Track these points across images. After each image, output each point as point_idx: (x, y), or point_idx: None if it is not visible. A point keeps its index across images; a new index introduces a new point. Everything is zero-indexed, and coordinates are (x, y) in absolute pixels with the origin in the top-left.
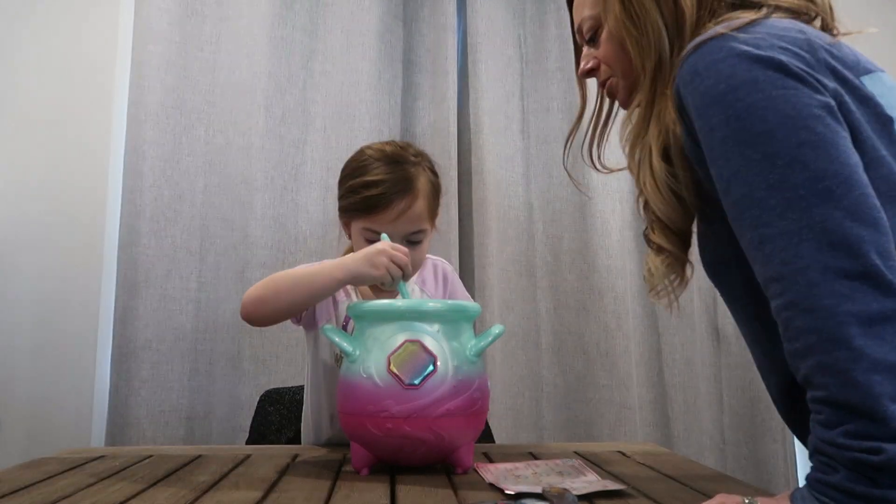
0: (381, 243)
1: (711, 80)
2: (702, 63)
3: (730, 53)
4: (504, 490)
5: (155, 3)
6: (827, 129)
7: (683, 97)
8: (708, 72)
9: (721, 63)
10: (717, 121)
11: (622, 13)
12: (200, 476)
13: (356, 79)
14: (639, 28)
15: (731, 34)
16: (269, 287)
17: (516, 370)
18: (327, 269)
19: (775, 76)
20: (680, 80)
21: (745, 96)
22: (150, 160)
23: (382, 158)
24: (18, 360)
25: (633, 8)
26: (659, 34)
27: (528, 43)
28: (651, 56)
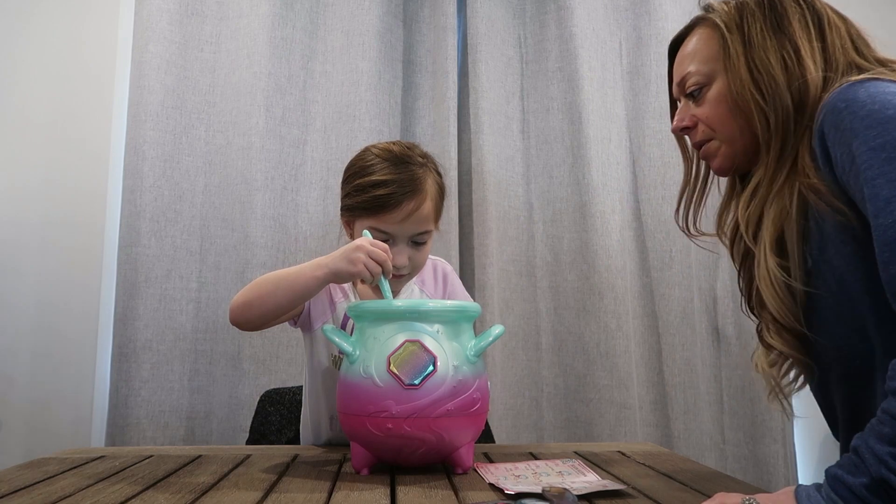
0: (360, 239)
1: (877, 104)
2: (863, 92)
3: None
4: (504, 490)
5: (155, 3)
6: None
7: (833, 124)
8: (871, 99)
9: (884, 93)
10: (881, 141)
11: (748, 79)
12: (200, 476)
13: (356, 79)
14: (766, 99)
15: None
16: (254, 291)
17: (516, 370)
18: (308, 269)
19: None
20: (830, 109)
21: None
22: (151, 160)
23: (390, 158)
24: (19, 360)
25: (763, 76)
26: (787, 108)
27: (528, 43)
28: (778, 130)
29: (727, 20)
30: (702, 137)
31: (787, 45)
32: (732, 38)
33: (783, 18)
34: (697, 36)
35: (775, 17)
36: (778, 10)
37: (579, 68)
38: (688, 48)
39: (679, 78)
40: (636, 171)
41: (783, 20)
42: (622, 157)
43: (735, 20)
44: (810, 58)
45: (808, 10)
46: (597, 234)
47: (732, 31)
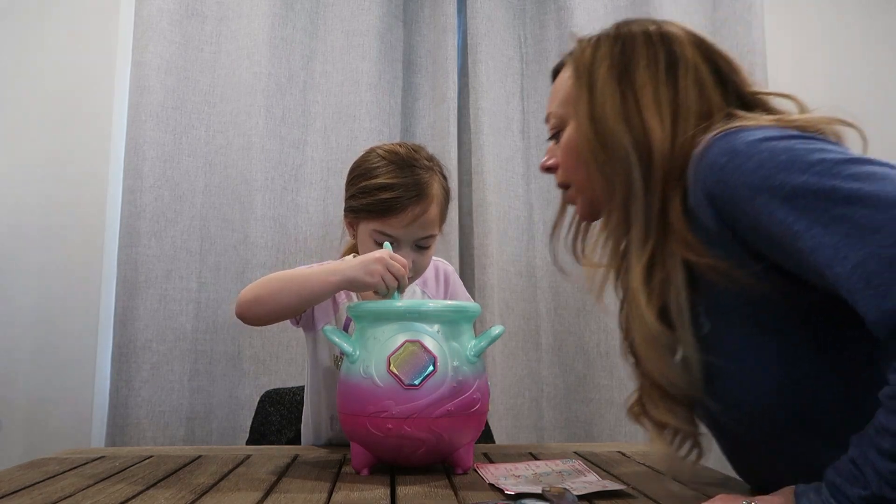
0: (380, 251)
1: (763, 153)
2: (740, 143)
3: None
4: (504, 491)
5: (155, 4)
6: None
7: (720, 181)
8: (753, 148)
9: (762, 139)
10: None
11: (589, 129)
12: (200, 477)
13: (356, 79)
14: (605, 151)
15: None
16: (266, 287)
17: (516, 370)
18: (323, 273)
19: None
20: (709, 165)
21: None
22: (151, 160)
23: (396, 161)
24: (19, 360)
25: (600, 127)
26: (626, 162)
27: (528, 43)
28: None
29: (578, 62)
30: (560, 182)
31: (629, 93)
32: (579, 83)
33: (630, 63)
34: (563, 73)
35: (623, 62)
36: (627, 53)
37: None
38: (554, 85)
39: (546, 114)
40: None
41: (630, 65)
42: None
43: (586, 63)
44: (654, 108)
45: (663, 52)
46: None
47: (581, 76)
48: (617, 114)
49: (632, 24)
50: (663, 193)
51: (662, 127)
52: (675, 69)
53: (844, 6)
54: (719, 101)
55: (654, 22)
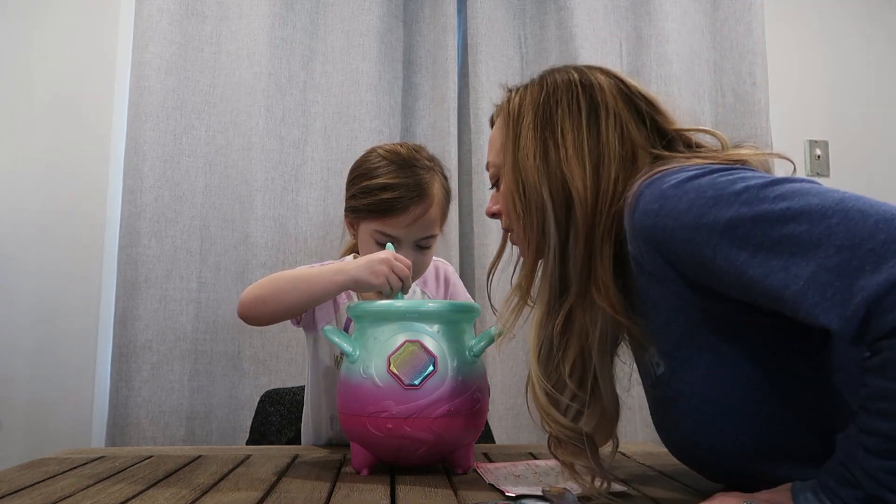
0: (384, 252)
1: (692, 192)
2: (668, 188)
3: (681, 175)
4: (504, 492)
5: (155, 4)
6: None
7: (656, 228)
8: (680, 190)
9: (686, 180)
10: (725, 222)
11: (512, 179)
12: (201, 477)
13: (356, 79)
14: (524, 200)
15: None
16: (269, 287)
17: (516, 370)
18: (328, 273)
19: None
20: (643, 214)
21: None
22: (151, 161)
23: (397, 161)
24: (19, 360)
25: (521, 175)
26: (543, 210)
27: (528, 43)
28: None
29: (507, 112)
30: (504, 226)
31: (550, 143)
32: (506, 135)
33: (553, 112)
34: (497, 123)
35: (546, 111)
36: (550, 102)
37: None
38: (491, 135)
39: (487, 163)
40: None
41: (552, 114)
42: None
43: (514, 113)
44: (576, 157)
45: (584, 98)
46: None
47: (508, 127)
48: (537, 164)
49: (556, 73)
50: (587, 245)
51: (584, 176)
52: (598, 116)
53: (844, 6)
54: (643, 142)
55: (577, 69)
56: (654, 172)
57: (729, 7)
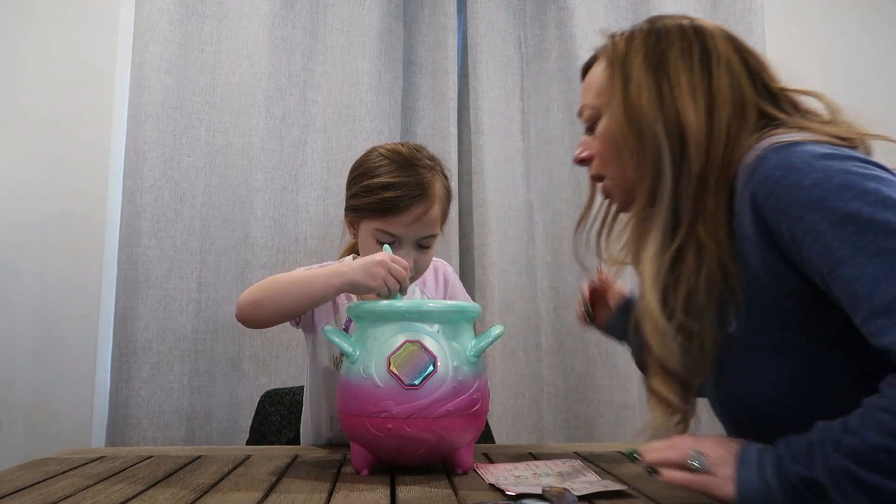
0: (381, 254)
1: (819, 172)
2: (797, 159)
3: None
4: (504, 491)
5: (155, 4)
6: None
7: (770, 193)
8: (809, 167)
9: (818, 158)
10: (842, 214)
11: (622, 118)
12: (200, 477)
13: (356, 79)
14: (638, 139)
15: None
16: (266, 290)
17: (516, 370)
18: (324, 276)
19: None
20: (763, 177)
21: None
22: (151, 161)
23: (398, 160)
24: (19, 360)
25: (634, 115)
26: (659, 150)
27: (528, 43)
28: (648, 173)
29: (613, 54)
30: (594, 172)
31: (663, 82)
32: (613, 74)
33: (665, 54)
34: (596, 66)
35: (657, 53)
36: (662, 44)
37: (579, 68)
38: (588, 78)
39: (579, 108)
40: None
41: (665, 56)
42: None
43: (620, 54)
44: (688, 97)
45: (696, 44)
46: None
47: (615, 66)
48: (651, 101)
49: (665, 19)
50: (699, 184)
51: (697, 115)
52: (709, 61)
53: (844, 6)
54: (751, 95)
55: (686, 17)
56: (783, 140)
57: (729, 7)
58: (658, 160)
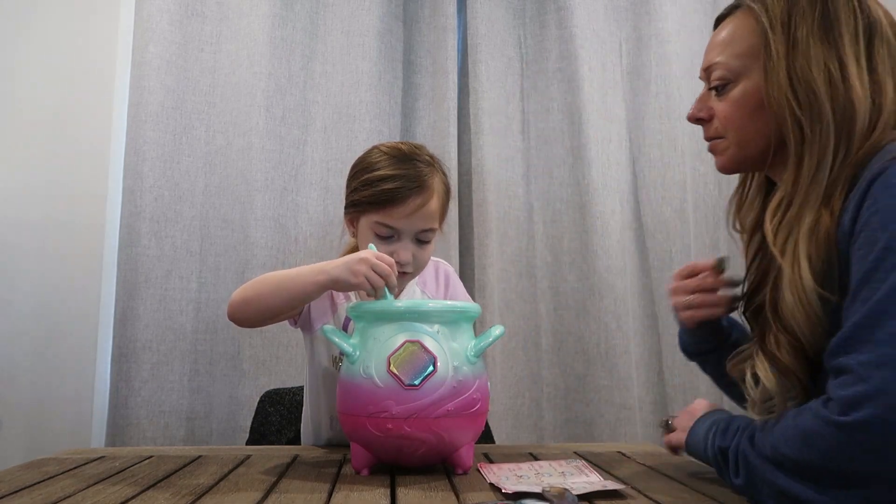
0: (364, 251)
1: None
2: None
3: None
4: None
5: (155, 4)
6: None
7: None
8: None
9: None
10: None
11: (787, 86)
12: (200, 477)
13: (356, 79)
14: (804, 110)
15: None
16: (254, 289)
17: (516, 371)
18: (309, 273)
19: None
20: (884, 181)
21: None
22: (151, 161)
23: (398, 156)
24: (19, 360)
25: (802, 86)
26: (827, 124)
27: (528, 44)
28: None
29: (773, 15)
30: (713, 134)
31: (833, 57)
32: (775, 38)
33: (834, 26)
34: (736, 23)
35: (826, 23)
36: (831, 14)
37: (579, 69)
38: (722, 34)
39: (707, 64)
40: (636, 172)
41: (834, 28)
42: (622, 158)
43: (783, 17)
44: (857, 77)
45: (863, 19)
46: (597, 235)
47: (776, 30)
48: (822, 75)
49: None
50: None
51: (865, 97)
52: (872, 38)
53: None
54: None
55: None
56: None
57: None
58: (827, 136)
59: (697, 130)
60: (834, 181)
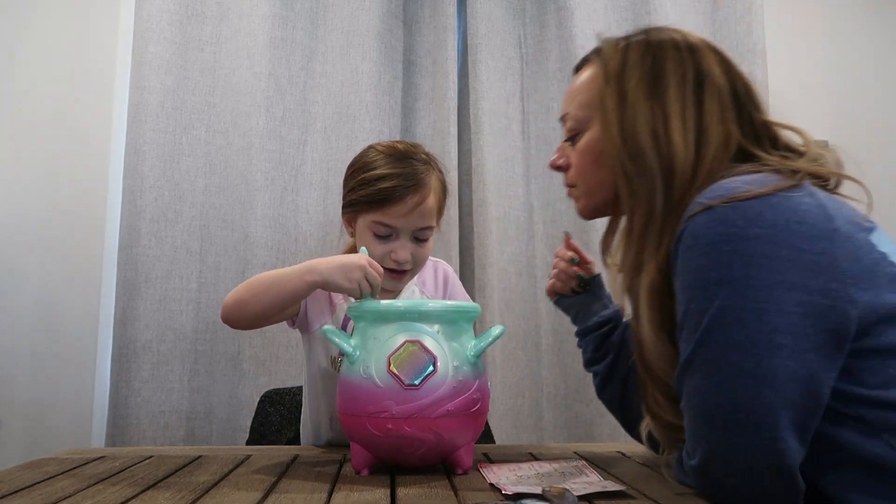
0: (360, 257)
1: (703, 258)
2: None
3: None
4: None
5: (155, 4)
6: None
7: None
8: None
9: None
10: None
11: (618, 138)
12: (201, 477)
13: (356, 79)
14: (633, 164)
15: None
16: (247, 290)
17: (516, 371)
18: (298, 272)
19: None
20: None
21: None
22: (151, 161)
23: (394, 154)
24: (19, 360)
25: (630, 139)
26: (652, 179)
27: (529, 43)
28: (641, 200)
29: (609, 67)
30: (568, 182)
31: (658, 110)
32: (608, 91)
33: (661, 78)
34: (585, 74)
35: (655, 77)
36: (659, 64)
37: None
38: (575, 84)
39: (561, 114)
40: None
41: (661, 79)
42: None
43: (616, 70)
44: (680, 130)
45: (691, 68)
46: (597, 235)
47: (610, 83)
48: (647, 129)
49: (661, 33)
50: (676, 216)
51: (686, 149)
52: (703, 89)
53: (844, 6)
54: (735, 131)
55: (680, 32)
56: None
57: (729, 7)
58: (652, 189)
59: None
60: (662, 232)
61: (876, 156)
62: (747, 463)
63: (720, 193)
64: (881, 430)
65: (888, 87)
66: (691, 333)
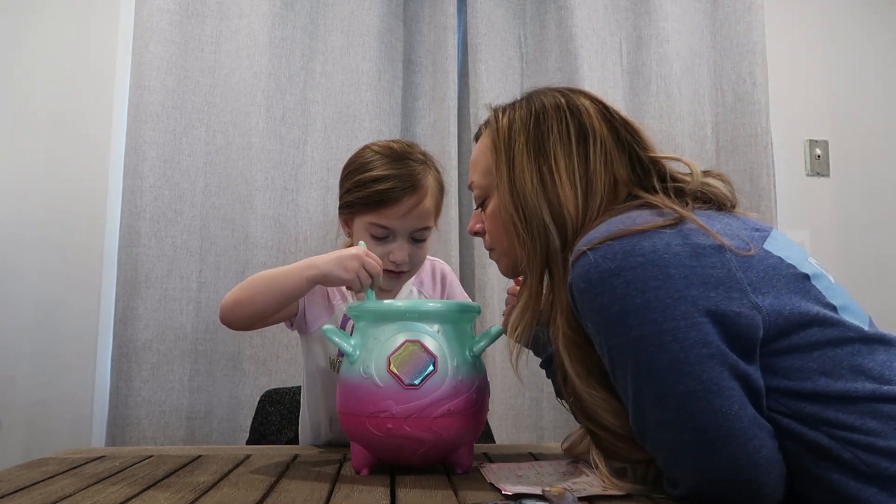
0: (356, 248)
1: (605, 297)
2: (594, 273)
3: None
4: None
5: (155, 4)
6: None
7: (578, 300)
8: (601, 285)
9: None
10: (615, 342)
11: (510, 202)
12: (201, 476)
13: (356, 79)
14: (525, 224)
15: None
16: (245, 290)
17: None
18: (297, 269)
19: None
20: (576, 281)
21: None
22: (151, 160)
23: (390, 155)
24: (19, 360)
25: (520, 200)
26: (546, 235)
27: (529, 43)
28: (537, 258)
29: (496, 136)
30: (487, 246)
31: (544, 167)
32: (498, 158)
33: (545, 137)
34: (481, 142)
35: (538, 135)
36: (541, 126)
37: (579, 68)
38: (474, 154)
39: (469, 182)
40: None
41: (545, 138)
42: None
43: (504, 136)
44: (568, 182)
45: (573, 123)
46: None
47: (500, 150)
48: (535, 188)
49: (543, 96)
50: None
51: (575, 201)
52: (586, 141)
53: (844, 6)
54: (623, 174)
55: (562, 92)
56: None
57: (729, 7)
58: (548, 246)
59: (697, 130)
60: (563, 285)
61: (875, 154)
62: (733, 474)
63: (595, 236)
64: (818, 424)
65: (888, 87)
66: (623, 371)
